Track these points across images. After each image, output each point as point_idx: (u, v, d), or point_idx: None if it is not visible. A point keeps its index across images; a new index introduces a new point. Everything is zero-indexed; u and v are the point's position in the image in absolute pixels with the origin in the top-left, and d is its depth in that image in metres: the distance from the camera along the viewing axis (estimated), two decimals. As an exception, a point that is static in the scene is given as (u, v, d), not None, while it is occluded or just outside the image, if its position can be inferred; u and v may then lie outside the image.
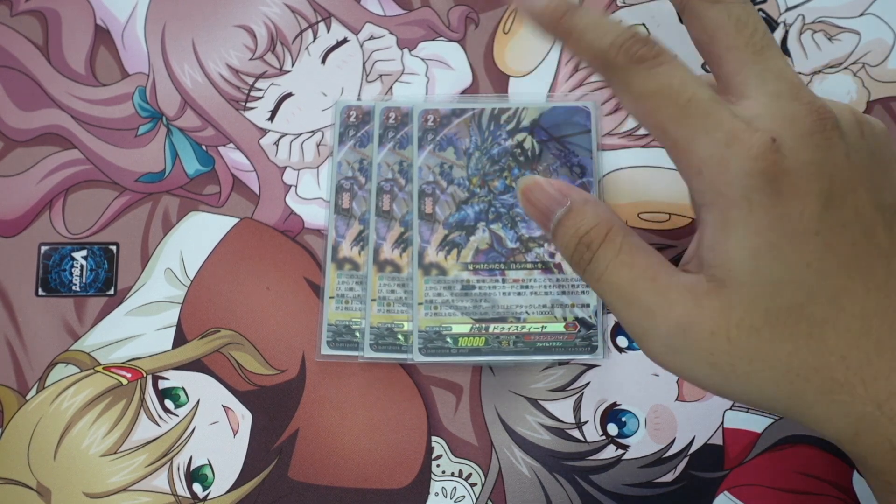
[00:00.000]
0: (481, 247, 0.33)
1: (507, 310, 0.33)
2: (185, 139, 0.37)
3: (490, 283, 0.33)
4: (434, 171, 0.34)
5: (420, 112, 0.34)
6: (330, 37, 0.38)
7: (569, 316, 0.33)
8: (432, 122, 0.34)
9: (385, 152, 0.35)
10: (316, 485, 0.34)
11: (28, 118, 0.37)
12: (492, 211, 0.34)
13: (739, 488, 0.33)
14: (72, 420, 0.34)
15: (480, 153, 0.34)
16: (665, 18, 0.37)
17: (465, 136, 0.34)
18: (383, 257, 0.34)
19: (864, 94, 0.36)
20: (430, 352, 0.33)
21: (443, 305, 0.33)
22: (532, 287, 0.33)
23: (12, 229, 0.36)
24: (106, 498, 0.33)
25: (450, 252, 0.33)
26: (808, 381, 0.25)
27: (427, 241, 0.33)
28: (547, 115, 0.34)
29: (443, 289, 0.33)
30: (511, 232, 0.33)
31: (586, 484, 0.33)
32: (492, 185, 0.34)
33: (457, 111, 0.34)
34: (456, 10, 0.38)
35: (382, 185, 0.34)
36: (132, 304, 0.35)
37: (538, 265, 0.33)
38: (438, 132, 0.34)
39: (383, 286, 0.33)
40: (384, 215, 0.34)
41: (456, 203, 0.34)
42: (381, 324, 0.33)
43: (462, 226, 0.34)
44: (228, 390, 0.34)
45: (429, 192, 0.34)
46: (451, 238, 0.33)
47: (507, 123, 0.34)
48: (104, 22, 0.38)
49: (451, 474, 0.34)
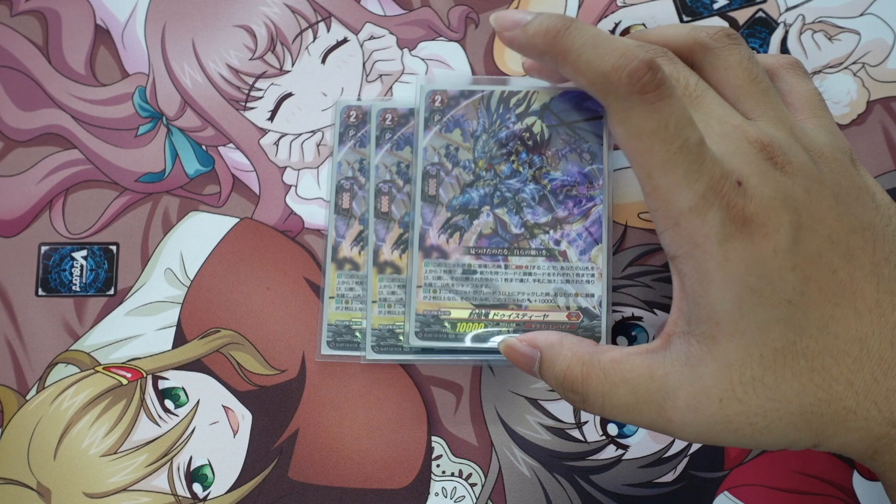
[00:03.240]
0: (485, 231, 0.33)
1: (509, 296, 0.32)
2: (185, 139, 0.37)
3: (492, 268, 0.33)
4: (439, 153, 0.33)
5: (427, 93, 0.34)
6: (330, 37, 0.38)
7: (572, 305, 0.32)
8: (440, 102, 0.34)
9: (382, 154, 0.35)
10: (316, 485, 0.34)
11: (28, 118, 0.37)
12: (497, 195, 0.33)
13: (739, 488, 0.33)
14: (72, 420, 0.34)
15: (488, 136, 0.33)
16: (665, 18, 0.37)
17: (472, 118, 0.33)
18: (383, 259, 0.34)
19: (864, 94, 0.36)
20: (427, 336, 0.32)
21: (442, 289, 0.32)
22: (535, 274, 0.32)
23: (12, 229, 0.36)
24: (106, 498, 0.33)
25: (452, 235, 0.33)
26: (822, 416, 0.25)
27: (429, 223, 0.33)
28: (558, 99, 0.33)
29: (443, 272, 0.33)
30: (516, 217, 0.33)
31: (586, 484, 0.33)
32: (498, 169, 0.33)
33: (465, 92, 0.34)
34: (456, 10, 0.38)
35: (381, 187, 0.34)
36: (132, 304, 0.35)
37: (542, 252, 0.32)
38: (445, 113, 0.34)
39: (384, 287, 0.33)
40: (383, 217, 0.34)
41: (461, 186, 0.33)
42: (382, 325, 0.33)
43: (466, 209, 0.33)
44: (228, 390, 0.34)
45: (433, 174, 0.33)
46: (453, 221, 0.33)
47: (517, 107, 0.33)
48: (104, 22, 0.38)
49: (451, 474, 0.34)
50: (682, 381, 0.25)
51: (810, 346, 0.25)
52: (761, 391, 0.25)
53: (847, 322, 0.25)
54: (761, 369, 0.25)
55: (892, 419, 0.25)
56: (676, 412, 0.25)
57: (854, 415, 0.25)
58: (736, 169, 0.25)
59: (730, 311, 0.25)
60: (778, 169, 0.26)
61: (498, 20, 0.28)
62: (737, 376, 0.25)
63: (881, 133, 0.36)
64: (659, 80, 0.25)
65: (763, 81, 0.29)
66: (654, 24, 0.37)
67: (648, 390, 0.26)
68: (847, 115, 0.36)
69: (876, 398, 0.25)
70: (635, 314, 0.34)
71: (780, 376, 0.25)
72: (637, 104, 0.25)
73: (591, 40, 0.25)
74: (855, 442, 0.25)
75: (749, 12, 0.37)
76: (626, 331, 0.34)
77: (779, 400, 0.25)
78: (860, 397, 0.25)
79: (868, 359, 0.25)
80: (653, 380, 0.26)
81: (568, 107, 0.33)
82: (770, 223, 0.25)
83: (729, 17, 0.37)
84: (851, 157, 0.29)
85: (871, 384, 0.25)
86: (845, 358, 0.25)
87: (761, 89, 0.28)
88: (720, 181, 0.25)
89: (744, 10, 0.37)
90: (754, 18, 0.37)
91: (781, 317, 0.25)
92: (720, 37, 0.29)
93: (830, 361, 0.25)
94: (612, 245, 0.33)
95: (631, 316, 0.34)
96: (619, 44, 0.25)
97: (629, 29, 0.37)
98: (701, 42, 0.29)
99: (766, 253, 0.25)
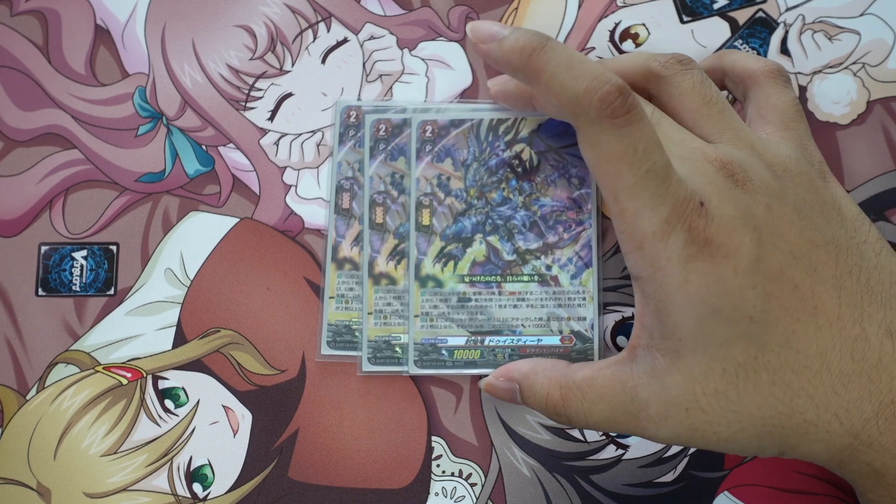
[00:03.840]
0: (478, 259, 0.33)
1: (503, 322, 0.33)
2: (185, 139, 0.37)
3: (486, 295, 0.33)
4: (431, 183, 0.34)
5: (419, 123, 0.34)
6: (330, 37, 0.38)
7: (565, 329, 0.33)
8: (430, 132, 0.34)
9: (377, 164, 0.35)
10: (316, 485, 0.34)
11: (28, 118, 0.37)
12: (489, 223, 0.34)
13: (739, 488, 0.33)
14: (72, 420, 0.34)
15: (478, 164, 0.34)
16: (665, 18, 0.37)
17: (462, 147, 0.34)
18: (378, 270, 0.34)
19: (864, 94, 0.36)
20: (426, 364, 0.33)
21: (439, 318, 0.33)
22: (528, 300, 0.33)
23: (12, 229, 0.36)
24: (106, 498, 0.33)
25: (446, 264, 0.33)
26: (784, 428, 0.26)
27: (424, 252, 0.33)
28: (546, 125, 0.34)
29: (439, 301, 0.33)
30: (508, 244, 0.33)
31: (586, 484, 0.33)
32: (489, 197, 0.34)
33: (455, 121, 0.34)
34: (456, 10, 0.38)
35: (375, 198, 0.34)
36: (132, 304, 0.35)
37: (535, 278, 0.33)
38: (437, 143, 0.34)
39: (379, 299, 0.33)
40: (377, 228, 0.34)
41: (453, 215, 0.34)
42: (378, 337, 0.33)
43: (459, 238, 0.33)
44: (228, 390, 0.34)
45: (426, 204, 0.34)
46: (447, 250, 0.33)
47: (506, 134, 0.34)
48: (104, 22, 0.38)
49: (451, 474, 0.34)
50: (651, 393, 0.26)
51: (772, 360, 0.25)
52: (724, 403, 0.26)
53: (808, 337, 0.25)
54: (724, 383, 0.25)
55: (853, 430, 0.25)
56: (650, 421, 0.26)
57: (815, 427, 0.25)
58: (698, 189, 0.26)
59: (692, 330, 0.25)
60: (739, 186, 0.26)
61: (474, 31, 0.28)
62: (700, 388, 0.26)
63: (881, 133, 0.36)
64: (629, 105, 0.25)
65: (718, 102, 0.29)
66: (654, 25, 0.37)
67: (622, 402, 0.27)
68: (847, 115, 0.36)
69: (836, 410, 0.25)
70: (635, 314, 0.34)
71: (742, 390, 0.25)
72: (607, 128, 0.25)
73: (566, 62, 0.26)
74: (819, 452, 0.26)
75: (749, 12, 0.37)
76: (626, 331, 0.34)
77: (741, 412, 0.26)
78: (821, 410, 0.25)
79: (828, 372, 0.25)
80: (624, 391, 0.27)
81: (556, 132, 0.33)
82: (731, 243, 0.25)
83: (729, 17, 0.37)
84: (821, 169, 0.29)
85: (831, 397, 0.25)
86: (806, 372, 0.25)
87: (717, 110, 0.29)
88: (683, 203, 0.25)
89: (744, 10, 0.37)
90: (754, 18, 0.37)
91: (743, 333, 0.25)
92: (671, 64, 0.29)
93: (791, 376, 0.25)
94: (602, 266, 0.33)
95: (631, 316, 0.34)
96: (593, 67, 0.25)
97: (629, 29, 0.37)
98: (654, 71, 0.30)
99: (726, 273, 0.25)
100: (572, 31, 0.37)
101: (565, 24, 0.37)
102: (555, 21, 0.37)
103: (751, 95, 0.31)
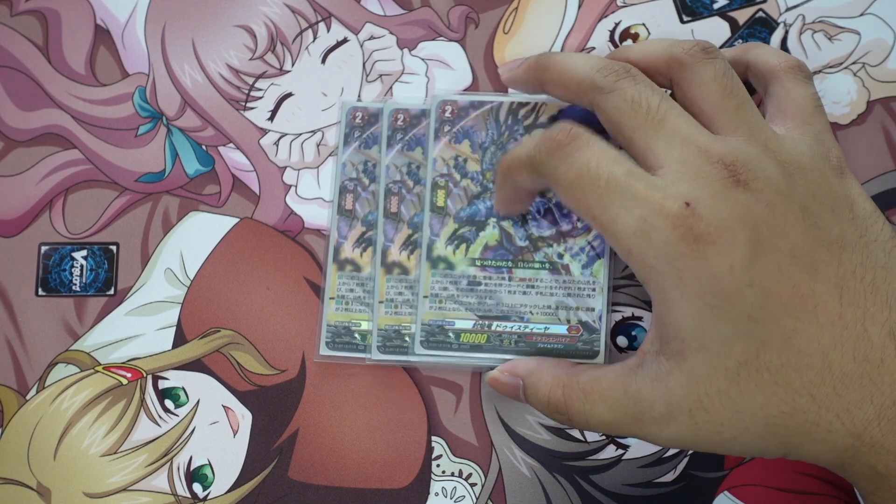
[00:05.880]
0: (490, 243, 0.33)
1: (512, 308, 0.33)
2: (185, 139, 0.37)
3: (496, 280, 0.33)
4: (448, 164, 0.33)
5: (438, 102, 0.34)
6: (330, 37, 0.38)
7: (572, 319, 0.32)
8: (450, 112, 0.34)
9: (393, 154, 0.35)
10: (316, 485, 0.34)
11: (28, 118, 0.37)
12: None
13: (739, 488, 0.33)
14: (72, 420, 0.34)
15: (496, 148, 0.34)
16: (665, 18, 0.37)
17: (481, 130, 0.34)
18: (391, 259, 0.34)
19: (864, 94, 0.36)
20: (432, 345, 0.33)
21: (448, 300, 0.33)
22: (538, 287, 0.33)
23: (12, 229, 0.36)
24: (106, 498, 0.33)
25: (458, 246, 0.33)
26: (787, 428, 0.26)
27: (436, 233, 0.33)
28: (567, 111, 0.33)
29: (449, 283, 0.33)
30: (521, 230, 0.33)
31: (586, 484, 0.33)
32: None
33: (475, 103, 0.34)
34: (456, 10, 0.38)
35: (390, 188, 0.34)
36: (132, 304, 0.35)
37: (546, 265, 0.33)
38: (455, 124, 0.34)
39: (391, 288, 0.33)
40: (392, 217, 0.34)
41: (468, 197, 0.33)
42: (388, 326, 0.33)
43: (473, 220, 0.33)
44: (228, 390, 0.34)
45: (441, 185, 0.33)
46: (460, 232, 0.33)
47: (526, 118, 0.34)
48: (104, 22, 0.38)
49: (451, 474, 0.34)
50: (654, 396, 0.26)
51: (773, 359, 0.25)
52: (727, 403, 0.26)
53: (809, 336, 0.25)
54: (726, 382, 0.25)
55: (854, 431, 0.25)
56: (653, 424, 0.26)
57: (817, 427, 0.25)
58: (684, 192, 0.26)
59: (692, 327, 0.25)
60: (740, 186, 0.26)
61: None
62: (703, 388, 0.26)
63: (881, 133, 0.36)
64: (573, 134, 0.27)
65: (738, 95, 0.29)
66: (653, 24, 0.37)
67: (624, 406, 0.27)
68: (847, 115, 0.36)
69: (838, 411, 0.25)
70: (635, 314, 0.34)
71: (744, 389, 0.25)
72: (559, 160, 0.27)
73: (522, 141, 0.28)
74: (822, 453, 0.26)
75: (749, 12, 0.37)
76: (626, 331, 0.34)
77: (743, 412, 0.26)
78: (822, 410, 0.25)
79: (829, 372, 0.25)
80: (627, 396, 0.27)
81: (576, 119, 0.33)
82: (723, 240, 0.25)
83: (729, 17, 0.37)
84: (838, 165, 0.29)
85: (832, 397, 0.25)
86: (807, 371, 0.25)
87: (735, 104, 0.28)
88: (661, 203, 0.25)
89: (744, 10, 0.37)
90: (754, 18, 0.37)
91: (743, 332, 0.25)
92: (695, 52, 0.29)
93: (793, 375, 0.25)
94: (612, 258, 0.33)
95: (631, 316, 0.34)
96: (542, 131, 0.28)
97: (629, 29, 0.37)
98: (676, 57, 0.29)
99: (721, 270, 0.25)
100: (572, 30, 0.37)
101: (565, 24, 0.37)
102: (555, 21, 0.37)
103: (771, 90, 0.31)
